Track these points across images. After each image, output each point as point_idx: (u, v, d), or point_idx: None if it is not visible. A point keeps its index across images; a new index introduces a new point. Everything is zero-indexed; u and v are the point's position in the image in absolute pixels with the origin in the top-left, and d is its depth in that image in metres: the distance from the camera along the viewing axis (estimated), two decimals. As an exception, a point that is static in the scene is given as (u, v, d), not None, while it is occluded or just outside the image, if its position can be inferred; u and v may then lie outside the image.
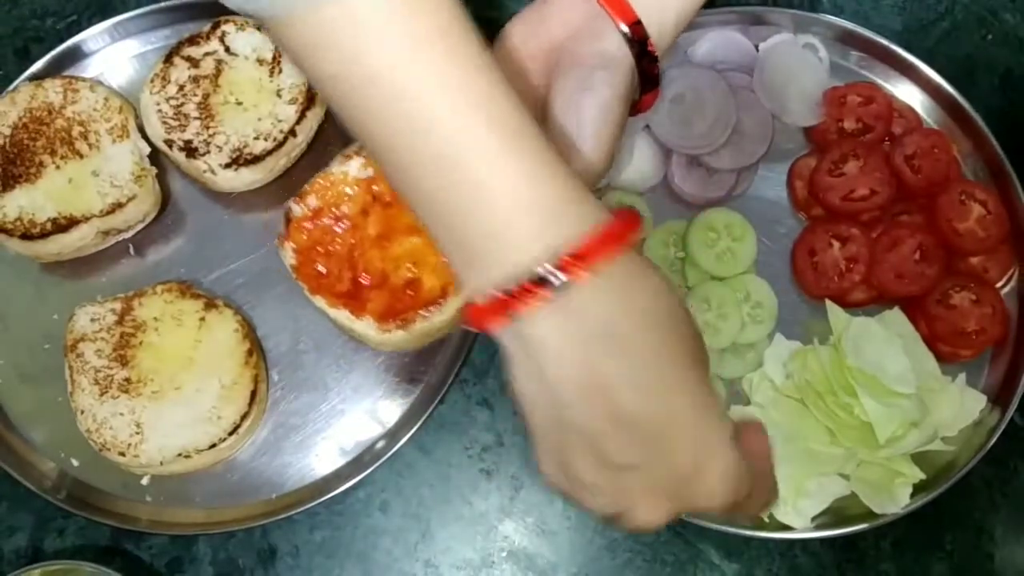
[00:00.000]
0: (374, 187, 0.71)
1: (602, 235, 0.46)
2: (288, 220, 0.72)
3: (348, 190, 0.71)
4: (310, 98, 0.80)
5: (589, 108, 0.59)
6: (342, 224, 0.72)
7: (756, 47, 0.85)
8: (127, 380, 0.75)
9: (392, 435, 0.78)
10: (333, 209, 0.72)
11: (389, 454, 0.76)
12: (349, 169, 0.71)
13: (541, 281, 0.45)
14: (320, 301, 0.71)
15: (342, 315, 0.71)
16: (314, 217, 0.72)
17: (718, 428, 0.48)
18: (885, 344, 0.75)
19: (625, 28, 0.60)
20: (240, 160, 0.78)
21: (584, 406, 0.46)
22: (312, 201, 0.72)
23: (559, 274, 0.45)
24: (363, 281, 0.72)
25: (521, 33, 0.63)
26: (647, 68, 0.61)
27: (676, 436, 0.47)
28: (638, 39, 0.60)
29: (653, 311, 0.47)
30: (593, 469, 0.47)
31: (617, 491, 0.48)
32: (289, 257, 0.71)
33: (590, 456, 0.47)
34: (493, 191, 0.46)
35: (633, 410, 0.46)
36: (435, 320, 0.71)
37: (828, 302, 0.78)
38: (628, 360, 0.46)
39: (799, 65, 0.84)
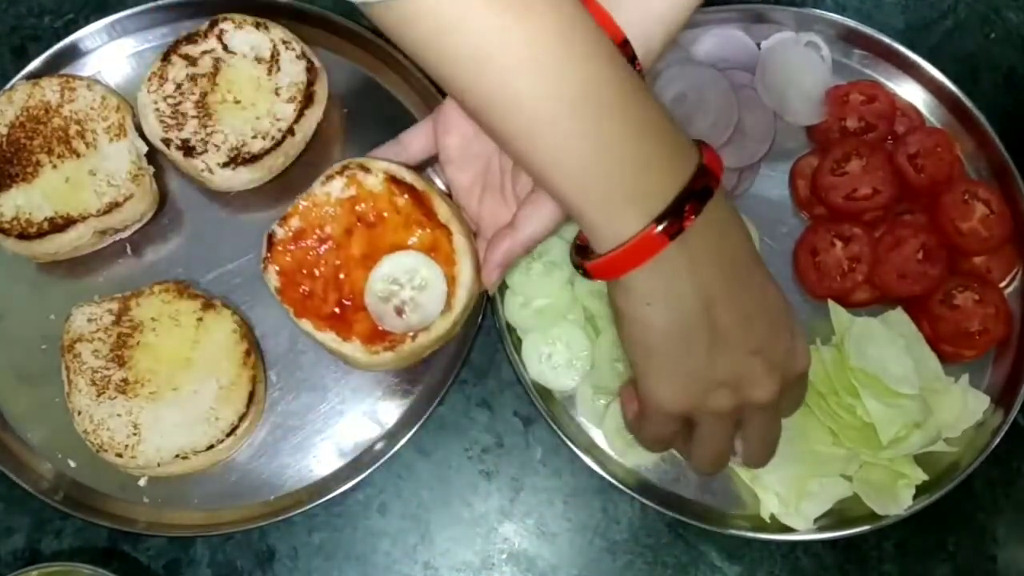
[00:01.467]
0: (357, 207, 0.69)
1: (711, 162, 0.56)
2: (271, 243, 0.69)
3: (331, 211, 0.69)
4: (308, 97, 0.79)
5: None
6: (326, 245, 0.69)
7: (758, 45, 0.85)
8: (124, 381, 0.74)
9: (391, 436, 0.77)
10: (316, 230, 0.69)
11: (388, 455, 0.75)
12: (331, 190, 0.69)
13: (698, 199, 0.55)
14: (306, 324, 0.69)
15: (328, 338, 0.69)
16: (297, 239, 0.69)
17: (792, 310, 0.61)
18: (888, 345, 0.74)
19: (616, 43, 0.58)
20: (238, 159, 0.78)
21: (721, 307, 0.56)
22: (295, 223, 0.69)
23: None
24: (348, 303, 0.69)
25: None
26: None
27: (779, 320, 0.60)
28: (627, 57, 0.58)
29: (743, 229, 0.59)
30: (724, 363, 0.58)
31: (743, 377, 0.59)
32: (273, 280, 0.69)
33: (724, 353, 0.58)
34: (647, 130, 0.54)
35: (752, 306, 0.58)
36: (422, 341, 0.69)
37: (831, 302, 0.77)
38: (738, 272, 0.58)
39: (801, 63, 0.83)
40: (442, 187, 0.73)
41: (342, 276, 0.69)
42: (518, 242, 0.65)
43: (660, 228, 0.54)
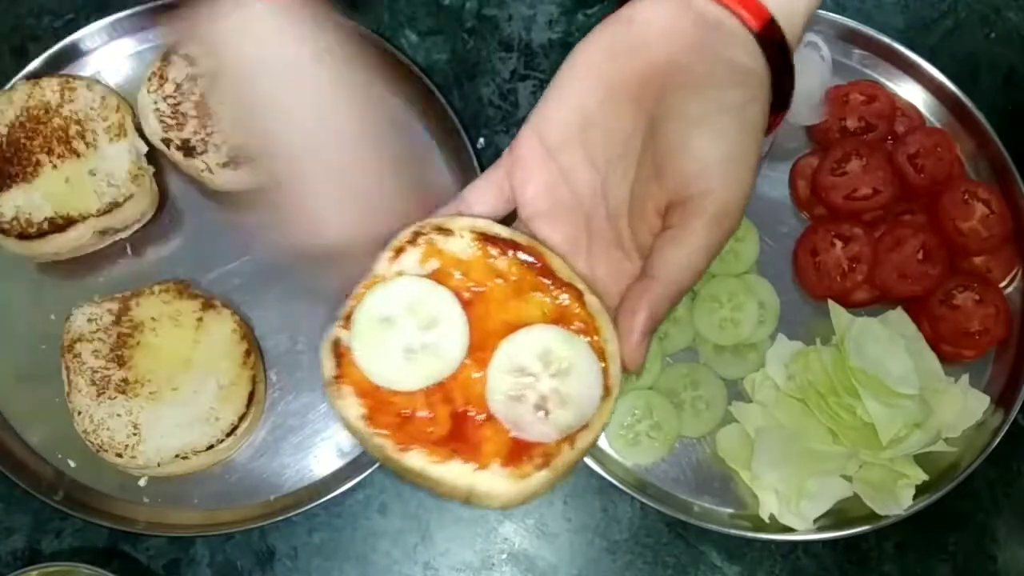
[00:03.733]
0: (451, 280, 0.52)
1: None
2: (338, 355, 0.51)
3: None
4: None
5: (731, 135, 0.48)
6: None
7: (758, 45, 0.85)
8: (124, 381, 0.74)
9: (391, 436, 0.77)
10: None
11: (388, 455, 0.75)
12: (404, 266, 0.52)
13: None
14: (417, 459, 0.49)
15: (456, 470, 0.49)
16: None
17: None
18: (888, 344, 0.74)
19: (757, 29, 0.50)
20: (238, 159, 0.78)
21: None
22: None
23: None
24: (472, 413, 0.50)
25: (601, 53, 0.52)
26: (783, 81, 0.52)
27: None
28: (773, 41, 0.51)
29: None
30: None
31: None
32: (353, 407, 0.50)
33: None
34: None
35: None
36: (584, 443, 0.50)
37: (831, 303, 0.77)
38: None
39: (801, 63, 0.82)
40: None
41: (449, 379, 0.51)
42: (662, 295, 0.49)
43: None
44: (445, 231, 0.53)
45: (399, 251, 0.53)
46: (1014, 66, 0.87)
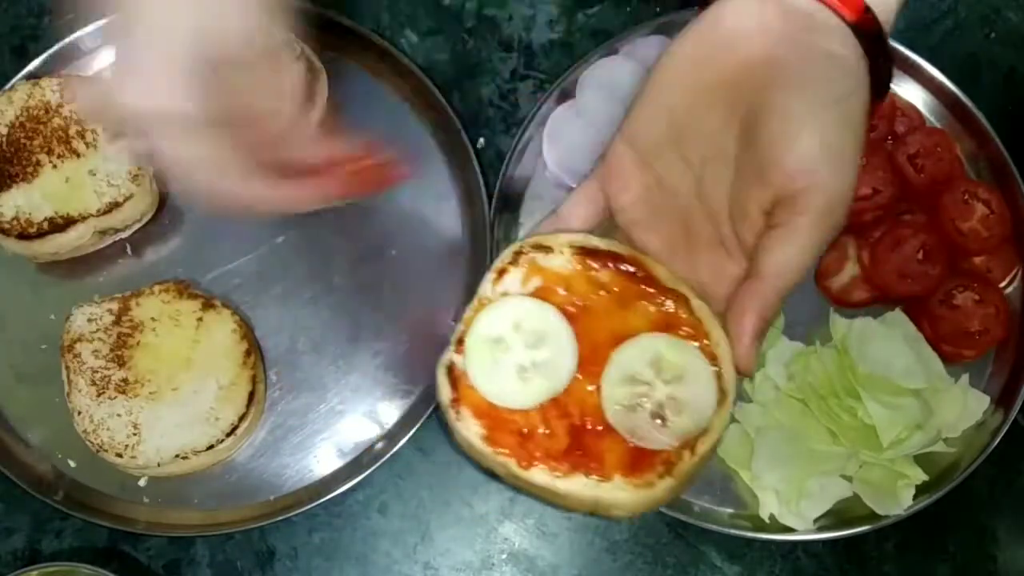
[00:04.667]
0: (555, 297, 0.53)
1: None
2: (453, 378, 0.53)
3: None
4: (308, 97, 0.79)
5: (834, 128, 0.48)
6: None
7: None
8: (124, 381, 0.74)
9: (391, 436, 0.77)
10: None
11: (388, 455, 0.75)
12: (508, 287, 0.54)
13: None
14: (541, 475, 0.50)
15: (580, 483, 0.50)
16: None
17: None
18: (888, 341, 0.74)
19: (852, 20, 0.49)
20: (238, 159, 0.78)
21: None
22: None
23: None
24: (589, 426, 0.51)
25: (689, 56, 0.52)
26: (880, 67, 0.51)
27: None
28: (869, 31, 0.50)
29: None
30: None
31: None
32: (473, 428, 0.51)
33: None
34: None
35: None
36: (705, 448, 0.50)
37: (831, 311, 0.77)
38: None
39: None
40: None
41: (564, 392, 0.52)
42: (771, 294, 0.50)
43: None
44: (545, 248, 0.54)
45: (502, 272, 0.54)
46: (1014, 66, 0.87)
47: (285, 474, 0.77)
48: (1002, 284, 0.80)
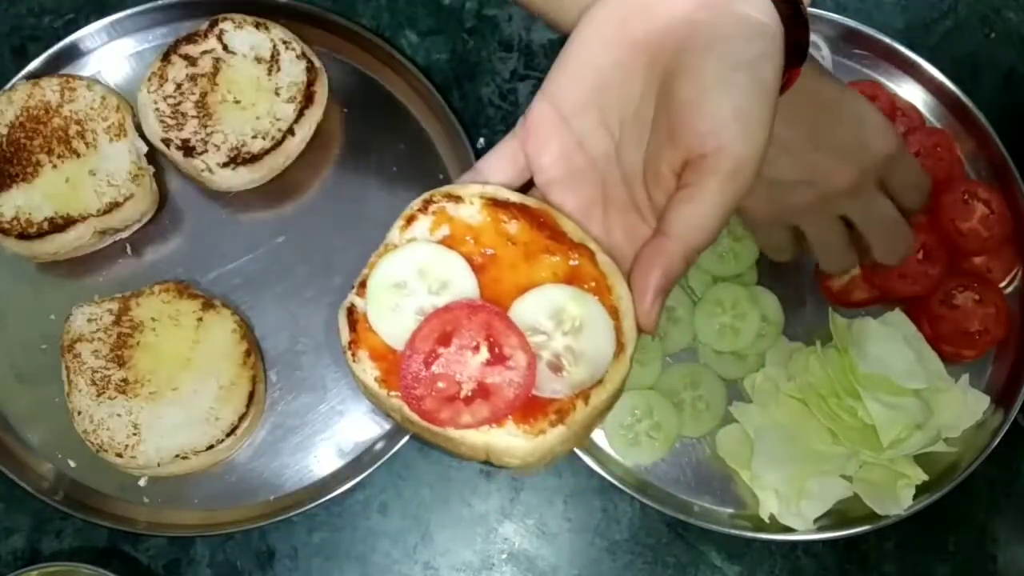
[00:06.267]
0: (463, 246, 0.53)
1: None
2: (353, 321, 0.52)
3: None
4: (308, 97, 0.79)
5: (745, 91, 0.48)
6: None
7: (758, 45, 0.84)
8: (124, 381, 0.74)
9: (391, 436, 0.77)
10: None
11: (388, 455, 0.75)
12: (416, 234, 0.54)
13: None
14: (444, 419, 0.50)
15: (469, 431, 0.50)
16: None
17: (855, 100, 0.67)
18: (888, 341, 0.74)
19: None
20: (238, 159, 0.78)
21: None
22: None
23: None
24: None
25: (612, 17, 0.52)
26: (797, 35, 0.51)
27: (834, 111, 0.65)
28: None
29: None
30: (786, 162, 0.63)
31: (813, 170, 0.64)
32: (369, 370, 0.51)
33: (782, 154, 0.62)
34: None
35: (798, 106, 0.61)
36: (598, 400, 0.50)
37: (831, 312, 0.77)
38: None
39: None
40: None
41: None
42: (677, 253, 0.49)
43: None
44: (456, 198, 0.54)
45: (410, 220, 0.54)
46: (1014, 66, 0.87)
47: (285, 474, 0.77)
48: (1002, 284, 0.80)
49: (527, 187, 0.56)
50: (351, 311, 0.52)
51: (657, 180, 0.51)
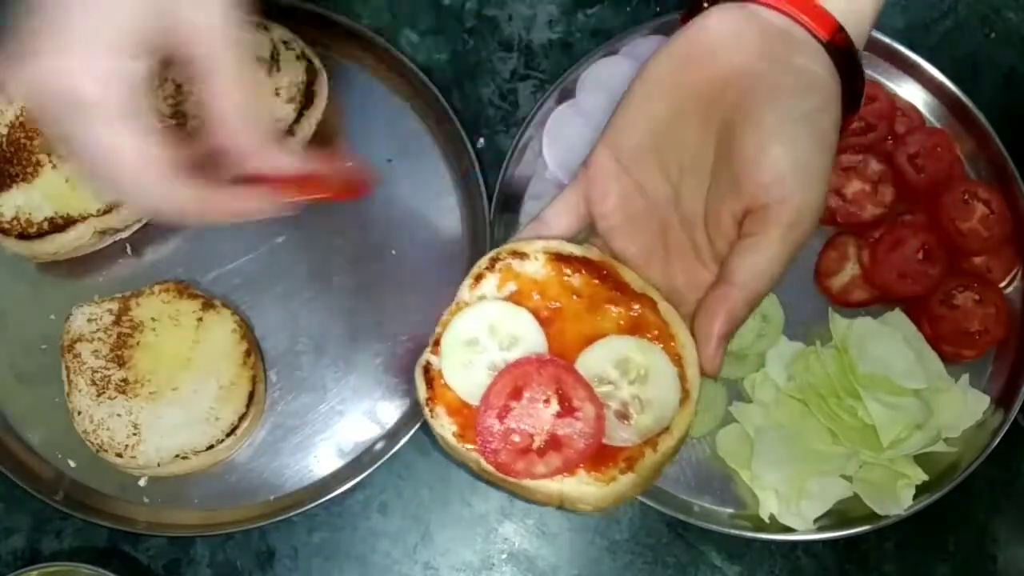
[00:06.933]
0: (529, 301, 0.55)
1: None
2: (429, 378, 0.55)
3: None
4: (308, 97, 0.79)
5: (805, 143, 0.49)
6: None
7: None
8: (124, 381, 0.74)
9: (391, 436, 0.77)
10: None
11: (388, 455, 0.75)
12: (485, 291, 0.56)
13: None
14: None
15: (546, 481, 0.52)
16: None
17: None
18: (888, 341, 0.74)
19: (825, 38, 0.51)
20: (238, 159, 0.78)
21: None
22: None
23: None
24: None
25: (671, 66, 0.53)
26: (853, 85, 0.53)
27: None
28: (842, 49, 0.52)
29: None
30: None
31: None
32: (447, 425, 0.54)
33: None
34: None
35: None
36: (666, 447, 0.52)
37: (831, 312, 0.77)
38: None
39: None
40: None
41: None
42: (740, 299, 0.51)
43: None
44: (521, 255, 0.57)
45: (479, 278, 0.57)
46: (1014, 66, 0.87)
47: (285, 474, 0.77)
48: (1002, 284, 0.80)
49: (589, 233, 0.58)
50: (427, 368, 0.55)
51: (718, 227, 0.53)
